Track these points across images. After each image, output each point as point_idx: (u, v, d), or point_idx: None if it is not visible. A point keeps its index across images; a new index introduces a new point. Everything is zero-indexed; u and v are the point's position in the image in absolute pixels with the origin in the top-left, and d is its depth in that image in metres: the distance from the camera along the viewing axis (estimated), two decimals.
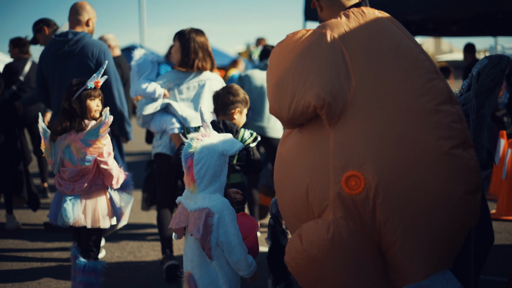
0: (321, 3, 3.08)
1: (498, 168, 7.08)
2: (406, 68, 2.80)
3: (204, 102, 4.92)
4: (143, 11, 26.08)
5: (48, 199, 7.79)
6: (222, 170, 3.11)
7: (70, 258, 4.34)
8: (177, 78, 4.91)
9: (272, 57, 2.97)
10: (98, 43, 5.23)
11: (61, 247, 5.73)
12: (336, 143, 2.72)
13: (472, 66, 3.88)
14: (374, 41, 2.84)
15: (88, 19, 5.29)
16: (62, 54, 5.16)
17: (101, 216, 4.08)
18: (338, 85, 2.71)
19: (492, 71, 3.25)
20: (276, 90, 2.86)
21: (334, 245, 2.67)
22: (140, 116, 4.97)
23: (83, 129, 3.96)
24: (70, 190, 4.03)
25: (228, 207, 3.06)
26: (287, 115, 2.84)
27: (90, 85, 4.02)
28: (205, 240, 2.99)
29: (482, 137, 3.25)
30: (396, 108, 2.73)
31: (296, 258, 2.78)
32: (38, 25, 6.52)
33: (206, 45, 4.91)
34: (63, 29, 6.15)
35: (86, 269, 4.06)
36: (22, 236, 6.13)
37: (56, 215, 4.11)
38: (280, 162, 3.03)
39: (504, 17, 9.00)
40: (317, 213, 2.76)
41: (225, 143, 3.10)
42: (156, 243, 5.82)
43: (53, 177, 4.22)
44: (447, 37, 15.52)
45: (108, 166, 4.02)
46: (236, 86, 4.29)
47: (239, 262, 3.03)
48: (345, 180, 2.66)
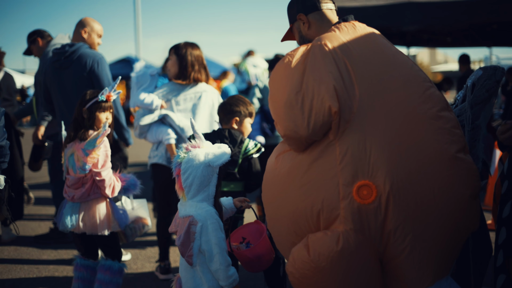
0: (310, 19, 3.09)
1: (493, 178, 7.08)
2: (406, 77, 2.84)
3: (201, 113, 5.04)
4: (139, 22, 26.11)
5: (37, 210, 7.77)
6: (210, 180, 3.17)
7: (72, 268, 4.40)
8: (174, 89, 5.04)
9: (275, 78, 2.93)
10: (92, 53, 5.32)
11: (56, 259, 5.70)
12: (343, 154, 2.71)
13: (466, 77, 3.91)
14: (371, 51, 2.88)
15: (89, 32, 5.46)
16: (60, 66, 5.31)
17: (99, 223, 4.16)
18: (345, 94, 2.72)
19: (487, 82, 3.26)
20: (289, 109, 2.78)
21: (343, 257, 2.65)
22: (137, 127, 5.08)
23: (85, 139, 4.07)
24: (71, 197, 4.17)
25: (212, 216, 3.12)
26: (306, 132, 2.75)
27: (101, 98, 4.15)
28: (185, 247, 3.07)
29: (477, 148, 3.26)
30: (400, 116, 2.75)
31: (302, 269, 2.75)
32: (32, 36, 6.52)
33: (201, 58, 5.07)
34: (57, 40, 6.19)
35: (102, 267, 4.21)
36: (18, 248, 6.11)
37: (59, 220, 4.23)
38: (276, 179, 2.99)
39: (499, 27, 9.04)
40: (325, 226, 2.74)
41: (211, 155, 3.17)
42: (152, 255, 5.81)
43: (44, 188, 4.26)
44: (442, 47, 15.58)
45: (100, 177, 4.09)
46: (239, 97, 4.33)
47: (218, 272, 3.08)
48: (356, 190, 2.65)
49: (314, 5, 3.07)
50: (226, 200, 3.53)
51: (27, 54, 6.71)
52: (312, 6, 3.08)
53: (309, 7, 3.08)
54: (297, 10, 3.10)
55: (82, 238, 4.27)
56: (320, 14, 3.07)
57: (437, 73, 32.64)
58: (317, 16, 3.07)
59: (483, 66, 3.60)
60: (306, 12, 3.08)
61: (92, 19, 5.55)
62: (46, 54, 6.13)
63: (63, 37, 6.35)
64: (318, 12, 3.07)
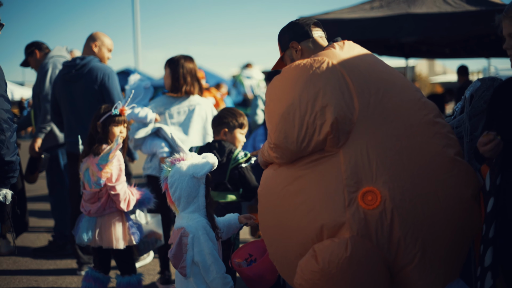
0: (302, 46, 3.17)
1: None
2: (400, 86, 2.96)
3: (194, 126, 5.08)
4: (138, 34, 26.22)
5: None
6: (197, 191, 3.22)
7: (71, 280, 4.37)
8: (168, 103, 5.08)
9: (272, 90, 3.00)
10: (102, 66, 5.39)
11: (55, 271, 5.69)
12: (347, 162, 2.77)
13: (465, 88, 3.92)
14: (366, 63, 2.99)
15: (99, 46, 5.53)
16: (70, 78, 5.36)
17: (114, 237, 4.22)
18: (344, 106, 2.80)
19: (485, 93, 3.27)
20: (282, 121, 2.86)
21: (353, 263, 2.69)
22: (132, 139, 5.12)
23: (99, 153, 4.12)
24: (88, 211, 4.23)
25: (204, 227, 3.15)
26: (295, 146, 2.84)
27: (114, 112, 4.21)
28: (177, 258, 3.11)
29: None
30: (398, 122, 2.84)
31: (312, 280, 2.76)
32: (30, 48, 6.51)
33: (195, 71, 5.12)
34: (54, 52, 6.21)
35: (122, 285, 4.27)
36: (17, 261, 6.09)
37: (77, 234, 4.30)
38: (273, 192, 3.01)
39: (497, 38, 9.05)
40: (331, 234, 2.77)
41: (195, 166, 3.21)
42: (151, 267, 5.79)
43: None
44: (441, 58, 15.65)
45: (114, 191, 4.14)
46: (229, 109, 4.41)
47: (215, 281, 3.11)
48: (361, 196, 2.71)
49: (306, 33, 3.19)
50: (232, 216, 3.54)
51: (24, 65, 6.71)
52: (304, 34, 3.19)
53: (301, 35, 3.19)
54: (289, 38, 3.20)
55: (97, 251, 4.34)
56: (311, 41, 3.19)
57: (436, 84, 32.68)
58: (309, 43, 3.18)
59: (481, 77, 3.61)
60: (298, 40, 3.18)
61: (102, 33, 5.61)
62: (43, 66, 6.14)
63: (61, 49, 6.37)
64: (310, 40, 3.18)
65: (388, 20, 7.03)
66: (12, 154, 3.36)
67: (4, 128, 3.24)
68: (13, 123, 3.35)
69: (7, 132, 3.27)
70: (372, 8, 7.72)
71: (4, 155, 3.27)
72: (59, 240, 6.33)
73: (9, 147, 3.30)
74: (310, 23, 3.23)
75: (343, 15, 7.58)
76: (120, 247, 4.22)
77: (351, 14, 7.57)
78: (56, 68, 6.11)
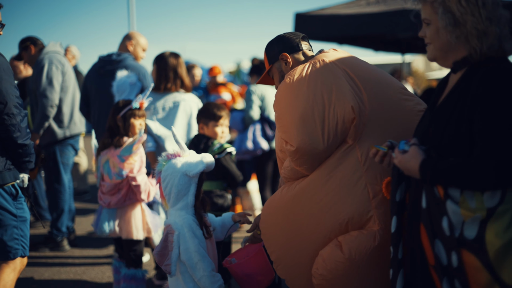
0: (292, 58, 3.16)
1: None
2: (387, 79, 3.05)
3: (178, 122, 5.10)
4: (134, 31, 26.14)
5: None
6: (188, 189, 3.21)
7: (67, 276, 4.40)
8: (154, 98, 5.11)
9: (280, 99, 2.97)
10: (138, 66, 5.49)
11: (51, 267, 5.70)
12: (365, 155, 2.79)
13: None
14: (359, 60, 3.08)
15: (134, 45, 5.68)
16: (105, 73, 5.47)
17: (134, 228, 4.35)
18: (357, 98, 2.83)
19: None
20: (301, 124, 2.81)
21: (381, 253, 2.71)
22: None
23: (121, 146, 4.24)
24: (107, 203, 4.33)
25: (189, 225, 3.15)
26: (321, 144, 2.79)
27: (135, 105, 4.35)
28: (162, 256, 3.10)
29: None
30: (400, 112, 2.93)
31: (336, 269, 2.77)
32: (24, 43, 6.46)
33: (179, 67, 5.17)
34: (49, 48, 6.19)
35: (127, 277, 4.34)
36: None
37: (97, 225, 4.42)
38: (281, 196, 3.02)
39: None
40: (358, 227, 2.79)
41: (189, 164, 3.20)
42: (148, 263, 5.79)
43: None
44: None
45: (136, 182, 4.26)
46: (205, 104, 4.55)
47: (202, 279, 3.10)
48: (385, 186, 2.70)
49: (296, 46, 3.20)
50: (226, 215, 3.54)
51: (18, 59, 6.66)
52: (295, 47, 3.20)
53: (291, 47, 3.20)
54: (279, 50, 3.20)
55: (117, 241, 4.51)
56: (302, 53, 3.20)
57: (432, 80, 32.73)
58: (299, 55, 3.19)
59: None
60: (289, 52, 3.19)
61: (138, 33, 5.78)
62: (39, 62, 6.10)
63: (55, 44, 6.34)
64: (300, 52, 3.20)
65: (384, 16, 7.03)
66: (24, 137, 3.58)
67: (15, 112, 3.48)
68: (23, 108, 3.54)
69: (18, 116, 3.50)
70: (368, 4, 7.72)
71: (17, 138, 3.51)
72: (56, 236, 6.31)
73: (20, 130, 3.53)
74: (299, 37, 3.25)
75: (339, 10, 7.58)
76: (140, 238, 4.34)
77: (347, 9, 7.57)
78: (52, 63, 6.08)
